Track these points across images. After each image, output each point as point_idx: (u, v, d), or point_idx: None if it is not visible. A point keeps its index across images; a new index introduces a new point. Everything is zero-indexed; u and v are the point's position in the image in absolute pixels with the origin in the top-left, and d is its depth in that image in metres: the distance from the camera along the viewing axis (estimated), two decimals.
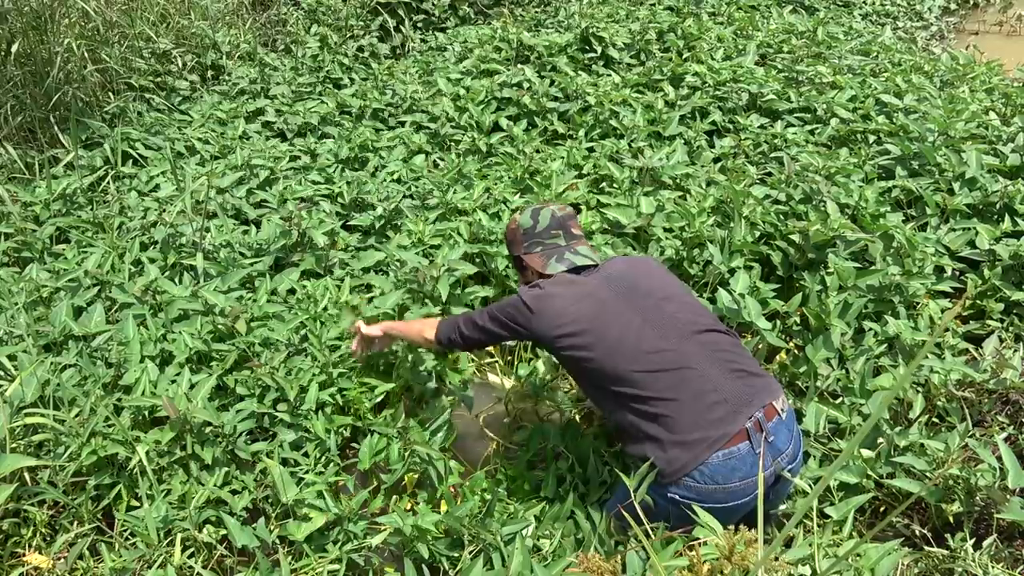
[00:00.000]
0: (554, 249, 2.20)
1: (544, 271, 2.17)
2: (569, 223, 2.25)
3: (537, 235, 2.22)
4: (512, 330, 2.10)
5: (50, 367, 2.36)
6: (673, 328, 1.93)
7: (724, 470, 1.77)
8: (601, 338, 1.93)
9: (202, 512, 2.09)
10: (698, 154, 3.71)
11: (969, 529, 2.03)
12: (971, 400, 2.40)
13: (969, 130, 3.56)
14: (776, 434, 1.82)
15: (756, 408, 1.81)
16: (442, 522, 2.08)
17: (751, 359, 1.95)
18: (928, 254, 2.79)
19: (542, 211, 2.24)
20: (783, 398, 1.89)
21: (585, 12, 5.45)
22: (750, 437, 1.78)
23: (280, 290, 2.84)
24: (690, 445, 1.78)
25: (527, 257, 2.23)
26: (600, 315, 1.97)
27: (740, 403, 1.81)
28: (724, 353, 1.90)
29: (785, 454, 1.84)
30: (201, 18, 5.05)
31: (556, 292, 2.05)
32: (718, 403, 1.80)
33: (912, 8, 6.85)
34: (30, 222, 3.22)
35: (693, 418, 1.80)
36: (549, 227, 2.22)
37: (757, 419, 1.80)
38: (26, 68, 3.94)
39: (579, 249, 2.20)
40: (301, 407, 2.39)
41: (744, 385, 1.84)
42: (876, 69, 4.57)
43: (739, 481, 1.78)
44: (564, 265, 2.15)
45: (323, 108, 4.32)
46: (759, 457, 1.78)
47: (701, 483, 1.78)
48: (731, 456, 1.76)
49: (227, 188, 3.42)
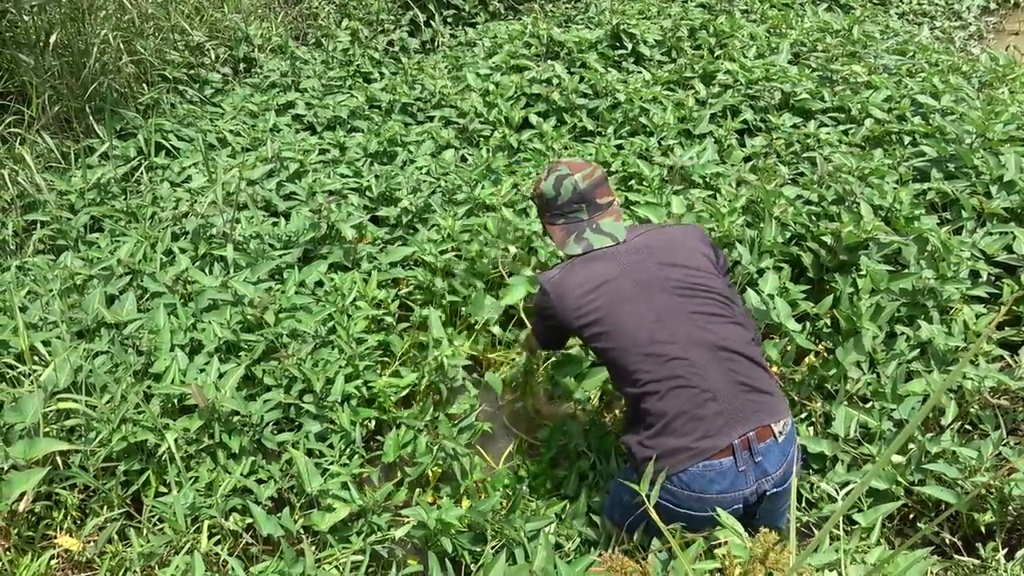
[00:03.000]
0: (575, 224, 2.08)
1: (563, 249, 2.08)
2: (594, 193, 2.08)
3: (559, 207, 2.09)
4: (548, 318, 2.07)
5: (83, 353, 2.39)
6: (686, 330, 1.85)
7: (702, 481, 1.74)
8: (615, 330, 1.89)
9: (228, 500, 2.11)
10: (728, 153, 3.68)
11: (1001, 539, 1.99)
12: (1005, 408, 2.36)
13: (1008, 132, 3.48)
14: (765, 456, 1.77)
15: (751, 427, 1.76)
16: (466, 517, 2.08)
17: (763, 372, 1.88)
18: (963, 258, 2.74)
19: (565, 181, 2.07)
20: (785, 421, 1.82)
21: (616, 8, 5.42)
22: (735, 454, 1.73)
23: (308, 282, 2.86)
24: (676, 451, 1.76)
25: (549, 227, 2.15)
26: (616, 306, 1.91)
27: (736, 419, 1.76)
28: (735, 361, 1.84)
29: (771, 477, 1.78)
30: (234, 11, 5.10)
31: (573, 278, 1.99)
32: (714, 415, 1.76)
33: (950, 7, 6.72)
34: (65, 210, 3.28)
35: (685, 425, 1.76)
36: (571, 200, 2.07)
37: (747, 438, 1.75)
38: (63, 59, 4.00)
39: (602, 224, 2.07)
40: (327, 399, 2.40)
41: (746, 400, 1.79)
42: (912, 69, 4.49)
43: (716, 494, 1.74)
44: (582, 247, 2.04)
45: (353, 102, 4.34)
46: (741, 475, 1.74)
47: (677, 487, 1.76)
48: (711, 468, 1.73)
49: (257, 180, 3.45)
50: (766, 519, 1.88)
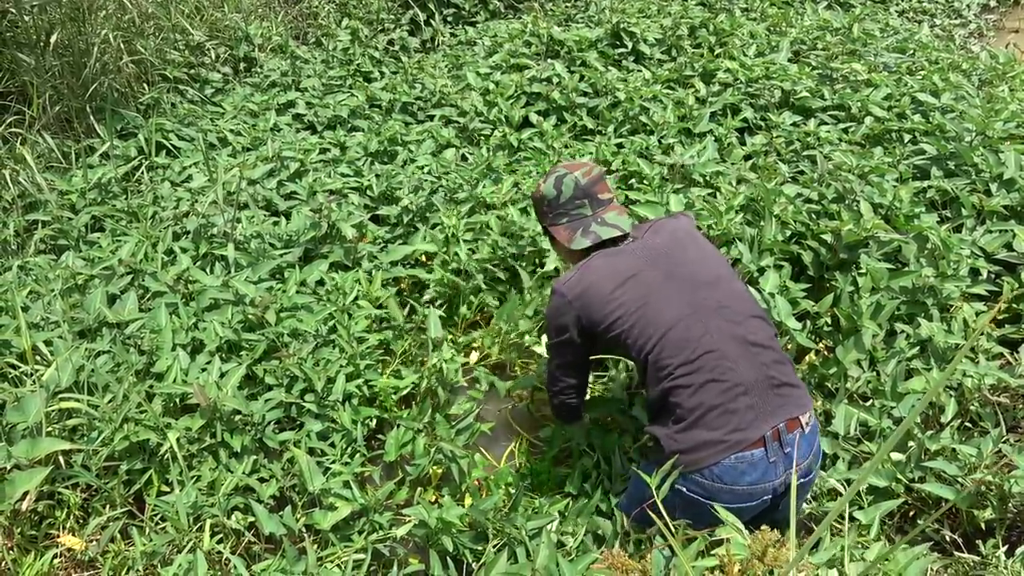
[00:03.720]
0: (580, 220, 2.08)
1: (570, 245, 2.07)
2: (595, 189, 2.09)
3: (561, 206, 2.09)
4: (566, 330, 2.01)
5: (84, 353, 2.40)
6: (718, 323, 1.85)
7: (733, 473, 1.75)
8: (648, 324, 1.87)
9: (230, 499, 2.12)
10: (729, 151, 3.68)
11: (1001, 536, 2.00)
12: (1005, 405, 2.36)
13: (1008, 130, 3.48)
14: (794, 447, 1.79)
15: (781, 419, 1.78)
16: (467, 515, 2.09)
17: (788, 365, 1.90)
18: (963, 256, 2.74)
19: (565, 179, 2.09)
20: (810, 412, 1.84)
21: (616, 7, 5.42)
22: (766, 445, 1.75)
23: (309, 281, 2.87)
24: (708, 444, 1.76)
25: (553, 229, 2.13)
26: (648, 301, 1.89)
27: (767, 412, 1.78)
28: (764, 355, 1.85)
29: (800, 467, 1.80)
30: (234, 11, 5.10)
31: (594, 275, 1.97)
32: (746, 408, 1.77)
33: (950, 5, 6.71)
34: (66, 210, 3.29)
35: (718, 418, 1.78)
36: (574, 196, 2.08)
37: (778, 429, 1.77)
38: (64, 59, 4.00)
39: (606, 217, 2.07)
40: (328, 398, 2.41)
41: (775, 394, 1.81)
42: (912, 67, 4.49)
43: (747, 485, 1.76)
44: (590, 239, 2.04)
45: (353, 101, 4.34)
46: (772, 466, 1.76)
47: (709, 480, 1.77)
48: (743, 460, 1.74)
49: (258, 180, 3.46)
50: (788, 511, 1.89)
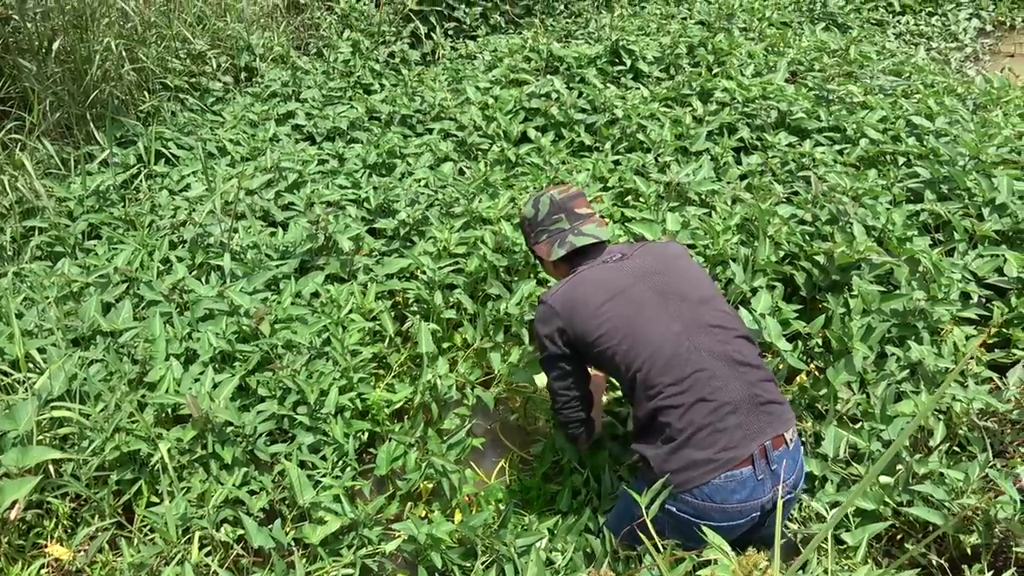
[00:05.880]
0: (557, 234, 2.16)
1: (548, 257, 2.15)
2: (572, 204, 2.18)
3: (540, 223, 2.20)
4: (553, 340, 2.02)
5: (78, 361, 2.40)
6: (708, 342, 1.88)
7: (723, 492, 1.77)
8: (638, 343, 1.88)
9: (220, 511, 2.12)
10: (725, 171, 3.70)
11: (987, 561, 2.01)
12: (993, 430, 2.37)
13: (1001, 155, 3.52)
14: (780, 463, 1.81)
15: (768, 437, 1.80)
16: (456, 531, 2.09)
17: (773, 383, 1.93)
18: (954, 280, 2.76)
19: (542, 198, 2.21)
20: (794, 428, 1.87)
21: (616, 24, 5.46)
22: (754, 463, 1.77)
23: (304, 293, 2.88)
24: (698, 463, 1.78)
25: (536, 247, 2.22)
26: (637, 318, 1.91)
27: (755, 430, 1.80)
28: (751, 374, 1.87)
29: (787, 483, 1.82)
30: (236, 20, 5.12)
31: (583, 288, 1.99)
32: (735, 427, 1.79)
33: (947, 29, 6.77)
34: (64, 217, 3.30)
35: (708, 437, 1.79)
36: (550, 212, 2.17)
37: (765, 447, 1.79)
38: (66, 66, 4.02)
39: (584, 229, 2.14)
40: (320, 411, 2.42)
41: (762, 412, 1.83)
42: (908, 90, 4.53)
43: (737, 504, 1.77)
44: (565, 249, 2.11)
45: (353, 113, 4.36)
46: (760, 483, 1.78)
47: (699, 500, 1.78)
48: (732, 479, 1.76)
49: (256, 190, 3.47)
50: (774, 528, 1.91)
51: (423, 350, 2.67)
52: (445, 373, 2.61)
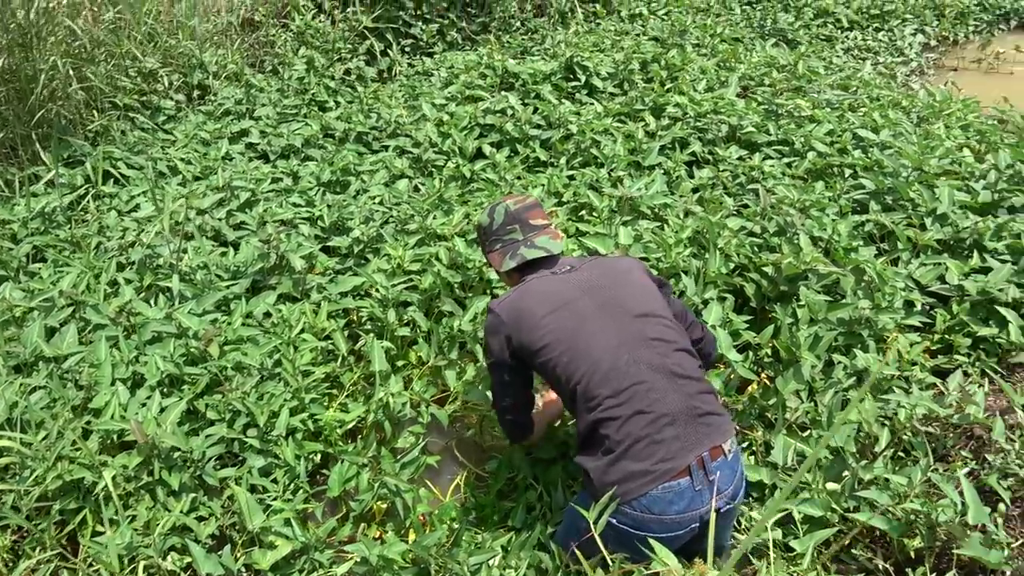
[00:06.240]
0: (511, 245, 2.17)
1: (500, 268, 2.17)
2: (526, 215, 2.19)
3: (495, 232, 2.20)
4: (500, 348, 2.04)
5: (19, 389, 2.35)
6: (648, 355, 1.90)
7: (661, 503, 1.78)
8: (578, 355, 1.91)
9: (167, 539, 2.08)
10: (677, 184, 3.76)
11: (930, 564, 2.05)
12: (935, 435, 2.43)
13: (943, 166, 3.63)
14: (718, 474, 1.83)
15: (705, 448, 1.81)
16: (410, 551, 2.08)
17: (712, 395, 1.95)
18: (898, 288, 2.83)
19: (497, 208, 2.22)
20: (732, 439, 1.89)
21: (571, 41, 5.52)
22: (692, 474, 1.79)
23: (256, 313, 2.84)
24: (636, 475, 1.79)
25: (489, 256, 2.23)
26: (579, 331, 1.94)
27: (692, 441, 1.81)
28: (689, 386, 1.90)
29: (724, 493, 1.84)
30: (189, 38, 5.07)
31: (529, 299, 2.02)
32: (672, 438, 1.80)
33: (893, 44, 6.98)
34: (7, 240, 3.22)
35: (645, 449, 1.80)
36: (504, 223, 2.19)
37: (702, 458, 1.80)
38: (10, 85, 3.94)
39: (537, 241, 2.16)
40: (271, 433, 2.38)
41: (700, 424, 1.85)
42: (854, 104, 4.65)
43: (675, 515, 1.78)
44: (516, 261, 2.13)
45: (307, 130, 4.34)
46: (698, 494, 1.79)
47: (638, 511, 1.79)
48: (669, 490, 1.77)
49: (207, 209, 3.43)
50: (717, 537, 1.92)
51: (376, 368, 2.66)
52: (398, 391, 2.59)
